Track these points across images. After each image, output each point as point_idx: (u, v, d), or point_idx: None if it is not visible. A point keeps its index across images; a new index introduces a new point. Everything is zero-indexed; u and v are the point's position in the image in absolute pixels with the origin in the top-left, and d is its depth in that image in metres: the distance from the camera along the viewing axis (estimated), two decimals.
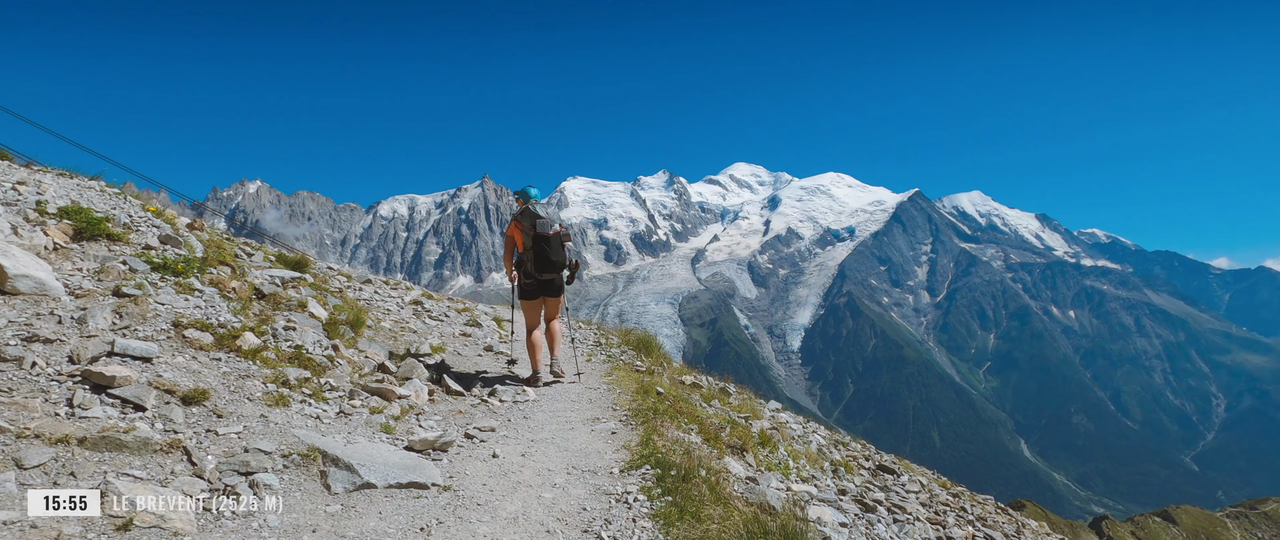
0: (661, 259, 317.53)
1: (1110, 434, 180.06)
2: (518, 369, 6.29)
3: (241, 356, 3.91)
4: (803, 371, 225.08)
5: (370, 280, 10.25)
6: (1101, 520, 20.75)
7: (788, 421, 9.11)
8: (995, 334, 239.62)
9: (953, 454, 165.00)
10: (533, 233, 5.74)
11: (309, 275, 7.01)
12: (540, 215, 5.75)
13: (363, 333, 6.12)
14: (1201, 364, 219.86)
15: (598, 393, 5.60)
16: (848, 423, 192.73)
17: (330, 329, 5.64)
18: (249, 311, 4.79)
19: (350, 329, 5.87)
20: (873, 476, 9.22)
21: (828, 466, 7.29)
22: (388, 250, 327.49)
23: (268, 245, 9.36)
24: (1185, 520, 21.04)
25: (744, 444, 5.53)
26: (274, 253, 7.46)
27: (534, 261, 5.74)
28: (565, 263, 5.84)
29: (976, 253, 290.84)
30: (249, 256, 6.82)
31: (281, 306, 5.58)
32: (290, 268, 7.16)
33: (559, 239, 5.78)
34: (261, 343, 4.16)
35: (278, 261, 7.12)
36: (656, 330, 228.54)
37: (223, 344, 3.93)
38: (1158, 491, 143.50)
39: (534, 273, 5.78)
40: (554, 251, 5.73)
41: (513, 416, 4.74)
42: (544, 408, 5.08)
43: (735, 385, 11.35)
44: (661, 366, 7.48)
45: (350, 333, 5.76)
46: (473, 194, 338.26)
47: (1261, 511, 22.22)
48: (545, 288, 5.87)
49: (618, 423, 4.63)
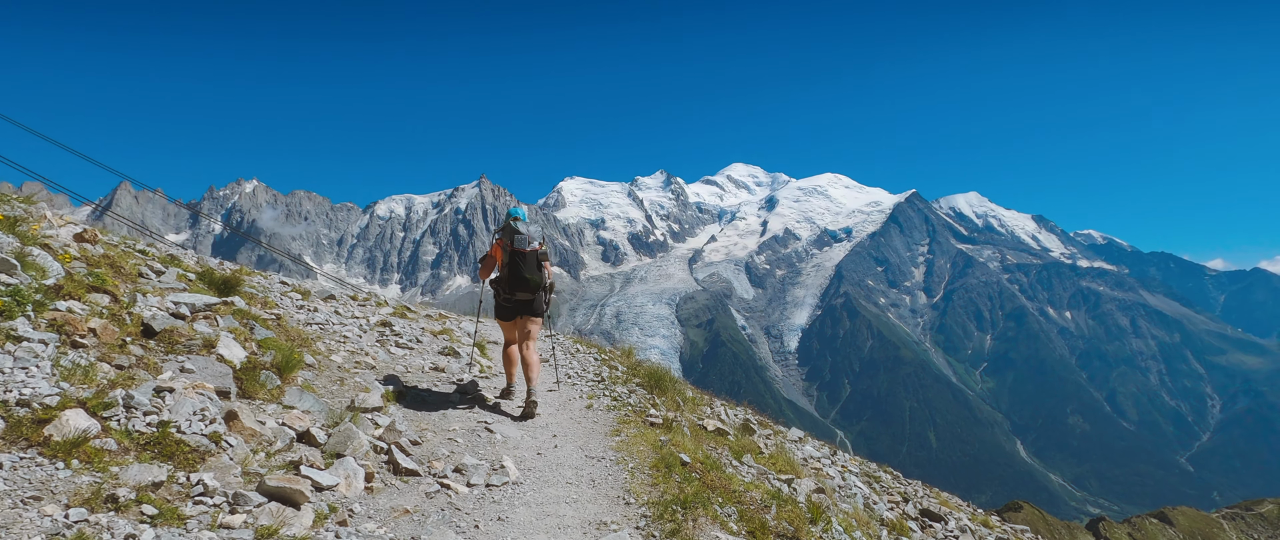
0: (659, 259, 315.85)
1: (1106, 435, 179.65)
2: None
3: (48, 453, 2.54)
4: (799, 372, 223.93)
5: (333, 296, 8.80)
6: (1098, 522, 20.51)
7: (821, 464, 7.74)
8: (992, 335, 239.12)
9: (949, 454, 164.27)
10: (510, 248, 5.55)
11: (237, 298, 5.58)
12: (519, 232, 5.56)
13: (296, 377, 4.70)
14: (1197, 365, 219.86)
15: (603, 465, 4.18)
16: (845, 423, 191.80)
17: (244, 378, 4.21)
18: (108, 364, 3.37)
19: (277, 375, 4.45)
20: (923, 529, 7.97)
21: (884, 534, 5.93)
22: (385, 250, 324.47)
23: (203, 259, 7.95)
24: (1182, 522, 20.86)
25: (797, 531, 4.16)
26: (198, 268, 6.03)
27: (508, 280, 5.55)
28: (540, 282, 5.58)
29: (973, 253, 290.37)
30: (159, 275, 5.38)
31: (178, 348, 4.16)
32: (215, 288, 5.71)
33: (535, 256, 5.55)
34: (97, 425, 2.74)
35: (199, 281, 5.69)
36: (654, 331, 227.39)
37: (18, 434, 2.55)
38: (1153, 492, 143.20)
39: (507, 293, 5.57)
40: (528, 268, 5.51)
41: (483, 518, 3.31)
42: (528, 495, 3.66)
43: (754, 413, 9.97)
44: (678, 409, 6.07)
45: (275, 381, 4.34)
46: (470, 194, 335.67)
47: (1258, 513, 22.19)
48: (521, 308, 5.63)
49: (633, 531, 3.23)
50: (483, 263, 5.72)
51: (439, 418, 4.85)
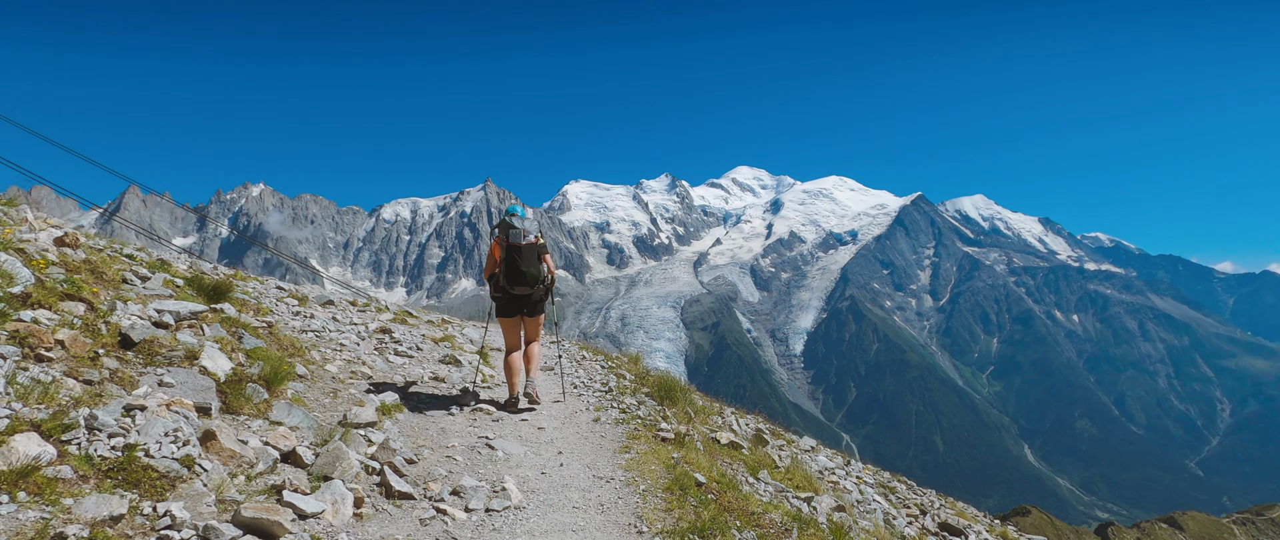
0: (664, 262, 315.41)
1: (1114, 439, 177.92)
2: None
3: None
4: (805, 375, 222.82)
5: (331, 302, 8.55)
6: (1107, 527, 20.47)
7: (837, 476, 7.42)
8: (998, 338, 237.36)
9: (956, 458, 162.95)
10: (506, 243, 5.41)
11: (227, 305, 5.32)
12: (514, 226, 5.43)
13: (285, 390, 4.42)
14: (1206, 369, 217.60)
15: (612, 487, 3.88)
16: (851, 427, 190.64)
17: (229, 392, 3.93)
18: (75, 379, 3.10)
19: (265, 387, 4.17)
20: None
21: None
22: (390, 254, 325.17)
23: (197, 264, 7.70)
24: (1192, 527, 20.82)
25: None
26: (189, 274, 5.77)
27: (505, 273, 5.39)
28: (539, 276, 5.40)
29: (979, 256, 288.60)
30: (144, 281, 5.13)
31: (158, 361, 3.89)
32: (204, 295, 5.45)
33: (533, 249, 5.38)
34: (52, 451, 2.45)
35: (187, 286, 5.42)
36: (659, 334, 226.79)
37: None
38: (1162, 497, 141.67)
39: (505, 286, 5.41)
40: (525, 261, 5.33)
41: None
42: (531, 522, 3.35)
43: (765, 421, 9.65)
44: (690, 421, 5.76)
45: (262, 395, 4.06)
46: (475, 197, 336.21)
47: (1268, 518, 22.13)
48: (521, 304, 5.49)
49: None
50: (486, 263, 5.62)
51: (437, 433, 4.56)
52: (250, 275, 8.49)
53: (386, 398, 4.89)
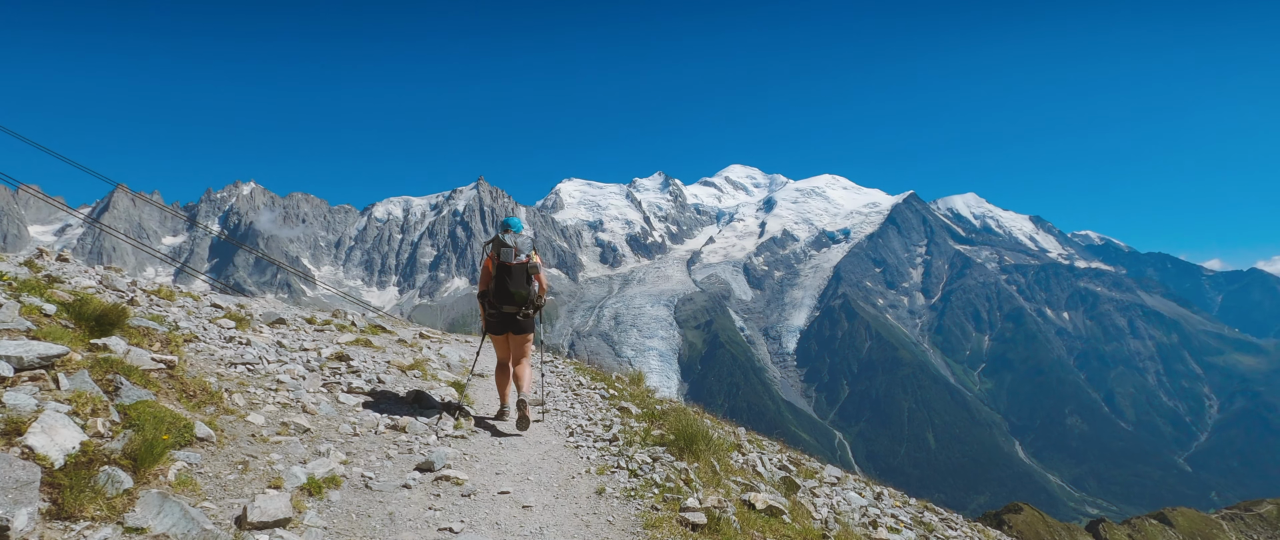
0: (657, 261, 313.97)
1: (1104, 435, 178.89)
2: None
3: None
4: (798, 373, 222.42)
5: (282, 321, 7.25)
6: (1098, 523, 20.37)
7: (877, 518, 6.26)
8: (990, 336, 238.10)
9: (947, 455, 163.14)
10: (497, 261, 5.36)
11: (116, 338, 4.03)
12: (506, 244, 5.34)
13: (167, 469, 3.15)
14: (1194, 365, 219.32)
15: None
16: (843, 425, 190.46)
17: (67, 485, 2.67)
18: None
19: (129, 471, 2.91)
20: None
21: None
22: (382, 252, 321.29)
23: (108, 279, 6.40)
24: (1181, 523, 20.93)
25: None
26: (71, 296, 4.48)
27: (495, 291, 5.36)
28: (527, 297, 5.33)
29: (971, 254, 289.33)
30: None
31: None
32: (87, 325, 4.14)
33: (523, 270, 5.31)
34: None
35: (62, 313, 4.13)
36: (652, 332, 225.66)
37: None
38: (1151, 492, 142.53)
39: (495, 304, 5.38)
40: (514, 282, 5.29)
41: None
42: None
43: (785, 448, 8.47)
44: (717, 481, 4.53)
45: (122, 483, 2.80)
46: (468, 196, 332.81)
47: (1257, 513, 22.07)
48: (508, 323, 5.43)
49: None
50: (481, 279, 5.57)
51: (383, 522, 3.31)
52: (183, 292, 7.18)
53: (318, 468, 3.62)
